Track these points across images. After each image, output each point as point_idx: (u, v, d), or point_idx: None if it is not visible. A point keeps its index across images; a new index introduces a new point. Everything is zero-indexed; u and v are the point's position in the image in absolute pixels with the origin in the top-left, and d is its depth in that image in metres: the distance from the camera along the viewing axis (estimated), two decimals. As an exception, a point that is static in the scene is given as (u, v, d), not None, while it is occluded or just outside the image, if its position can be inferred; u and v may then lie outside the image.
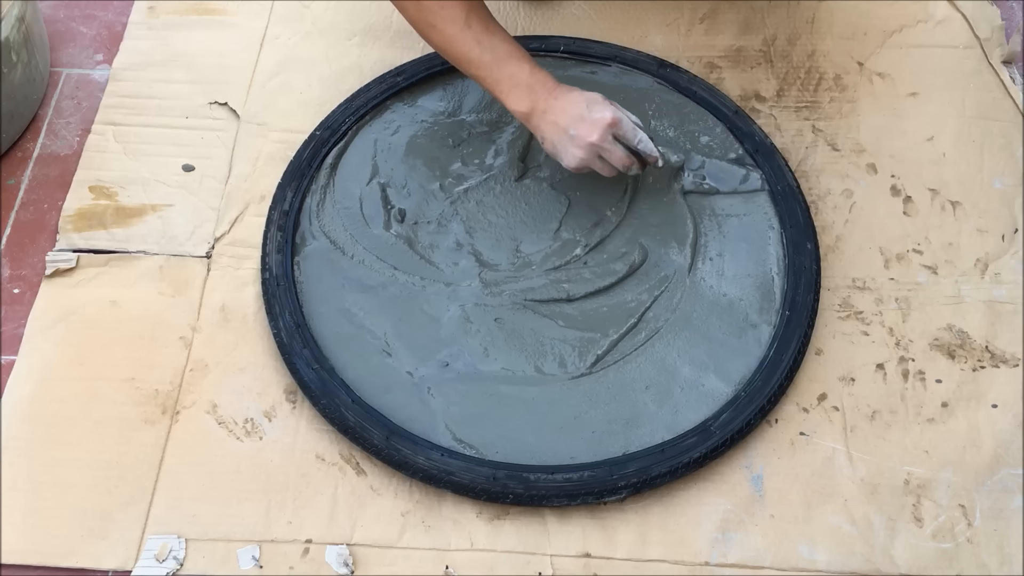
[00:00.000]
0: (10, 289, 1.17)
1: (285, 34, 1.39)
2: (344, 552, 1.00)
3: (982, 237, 1.20)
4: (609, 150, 1.06)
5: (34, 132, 1.31)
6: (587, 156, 1.07)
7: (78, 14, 1.43)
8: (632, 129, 1.07)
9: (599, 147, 1.06)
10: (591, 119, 1.05)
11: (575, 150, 1.07)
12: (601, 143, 1.05)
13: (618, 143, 1.07)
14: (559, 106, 1.06)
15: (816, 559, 1.00)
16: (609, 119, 1.05)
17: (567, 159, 1.08)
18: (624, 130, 1.06)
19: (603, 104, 1.06)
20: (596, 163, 1.08)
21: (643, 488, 1.01)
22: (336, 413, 1.04)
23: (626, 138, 1.07)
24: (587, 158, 1.07)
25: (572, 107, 1.06)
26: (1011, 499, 1.03)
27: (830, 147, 1.28)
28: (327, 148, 1.24)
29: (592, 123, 1.05)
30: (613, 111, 1.06)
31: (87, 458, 1.05)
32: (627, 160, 1.08)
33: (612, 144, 1.06)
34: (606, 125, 1.05)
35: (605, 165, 1.08)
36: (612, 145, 1.06)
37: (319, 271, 1.16)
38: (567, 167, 1.09)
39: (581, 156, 1.07)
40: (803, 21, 1.40)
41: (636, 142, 1.07)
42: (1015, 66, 1.35)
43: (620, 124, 1.06)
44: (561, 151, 1.08)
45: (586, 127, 1.05)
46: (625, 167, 1.09)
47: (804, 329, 1.10)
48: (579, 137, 1.05)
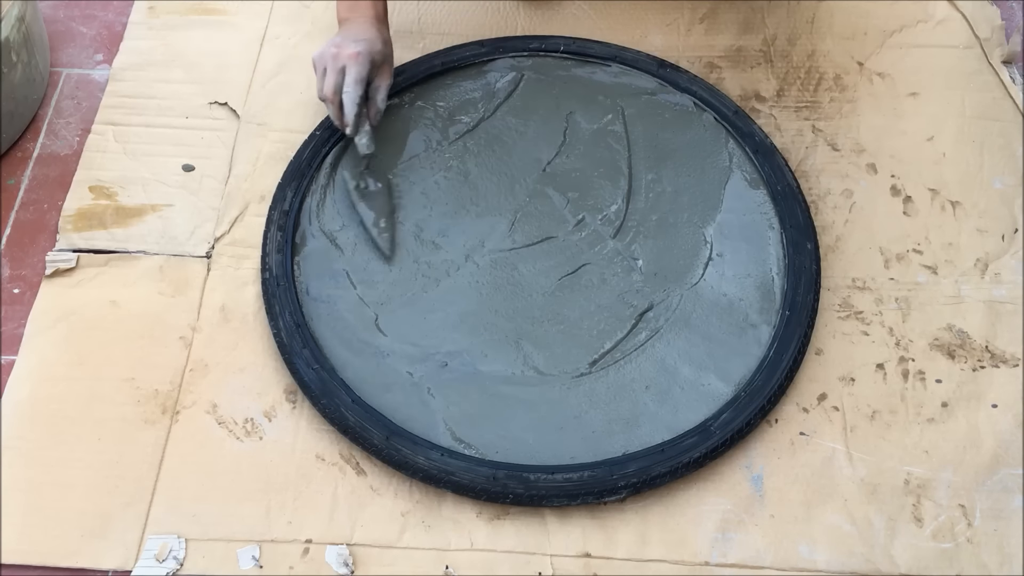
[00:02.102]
0: (10, 289, 1.17)
1: (285, 34, 1.39)
2: (344, 552, 1.00)
3: (982, 237, 1.21)
4: (331, 71, 1.13)
5: (34, 132, 1.31)
6: (320, 56, 1.14)
7: (78, 14, 1.43)
8: (353, 80, 1.12)
9: (329, 60, 1.13)
10: (347, 44, 1.13)
11: (323, 46, 1.15)
12: (331, 59, 1.13)
13: (340, 75, 1.12)
14: (355, 26, 1.16)
15: (816, 559, 1.00)
16: (351, 51, 1.12)
17: (316, 50, 1.15)
18: (350, 71, 1.12)
19: (366, 46, 1.13)
20: (319, 71, 1.15)
21: (643, 488, 1.01)
22: (336, 413, 1.04)
23: (346, 78, 1.12)
24: (319, 58, 1.14)
25: (358, 31, 1.15)
26: (1011, 499, 1.03)
27: (830, 147, 1.28)
28: (327, 148, 1.24)
29: (344, 45, 1.13)
30: (362, 53, 1.12)
31: (87, 458, 1.05)
32: (330, 93, 1.13)
33: (335, 71, 1.12)
34: (347, 54, 1.12)
35: (321, 80, 1.14)
36: (334, 71, 1.12)
37: (319, 271, 1.16)
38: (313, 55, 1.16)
39: (319, 52, 1.15)
40: (803, 21, 1.40)
41: (344, 90, 1.12)
42: (1015, 66, 1.35)
43: (353, 64, 1.12)
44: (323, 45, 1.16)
45: (341, 43, 1.13)
46: (324, 96, 1.14)
47: (804, 329, 1.10)
48: (332, 43, 1.14)
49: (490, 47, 1.33)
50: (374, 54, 1.14)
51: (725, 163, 1.24)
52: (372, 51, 1.14)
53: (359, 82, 1.13)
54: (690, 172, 1.23)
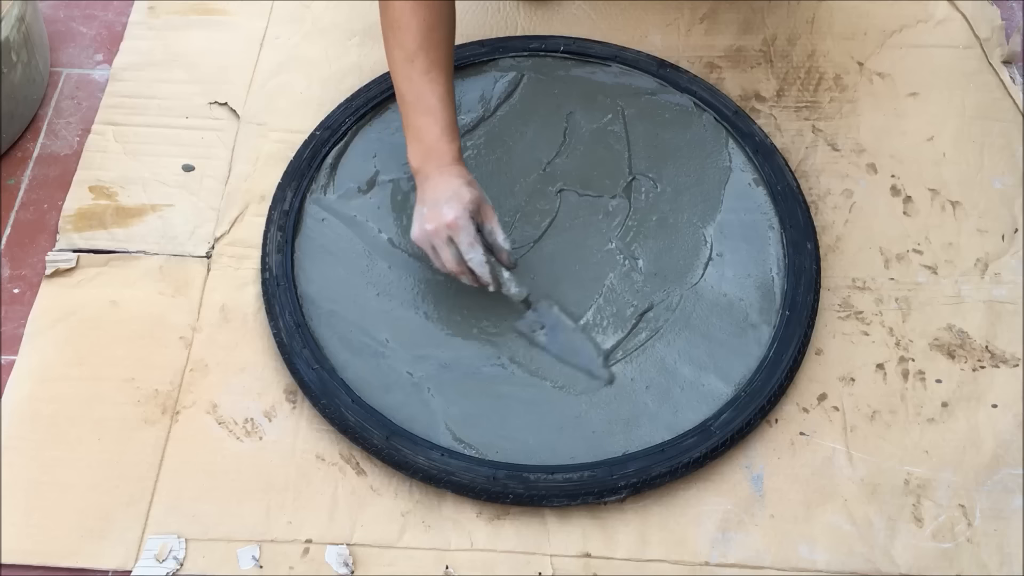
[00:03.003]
0: (10, 289, 1.17)
1: (285, 34, 1.39)
2: (344, 552, 1.00)
3: (982, 237, 1.21)
4: (440, 247, 1.04)
5: (34, 132, 1.31)
6: (421, 238, 1.05)
7: (78, 14, 1.43)
8: (468, 244, 1.03)
9: (432, 238, 1.04)
10: (440, 211, 1.03)
11: (417, 226, 1.06)
12: (434, 235, 1.03)
13: (452, 245, 1.04)
14: (434, 183, 1.05)
15: (816, 559, 1.00)
16: (448, 220, 1.02)
17: (412, 230, 1.07)
18: (460, 239, 1.03)
19: (458, 206, 1.03)
20: (430, 250, 1.06)
21: (643, 488, 1.01)
22: (336, 413, 1.04)
23: (460, 247, 1.04)
24: (421, 240, 1.06)
25: (439, 190, 1.04)
26: (1011, 499, 1.03)
27: (830, 147, 1.28)
28: (327, 148, 1.24)
29: (438, 215, 1.03)
30: (458, 216, 1.02)
31: (87, 458, 1.05)
32: (455, 267, 1.05)
33: (445, 243, 1.04)
34: (444, 224, 1.02)
35: (436, 258, 1.06)
36: (444, 244, 1.04)
37: (319, 271, 1.16)
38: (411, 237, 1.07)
39: (417, 235, 1.06)
40: (803, 21, 1.40)
41: (467, 258, 1.04)
42: (1015, 66, 1.35)
43: (458, 231, 1.03)
44: (413, 220, 1.07)
45: (433, 214, 1.03)
46: (452, 272, 1.05)
47: (804, 329, 1.10)
48: (425, 218, 1.04)
49: (490, 47, 1.33)
50: (468, 207, 1.03)
51: (725, 163, 1.24)
52: (467, 206, 1.03)
53: (474, 245, 1.03)
54: (690, 172, 1.23)
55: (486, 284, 1.06)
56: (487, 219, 1.06)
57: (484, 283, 1.06)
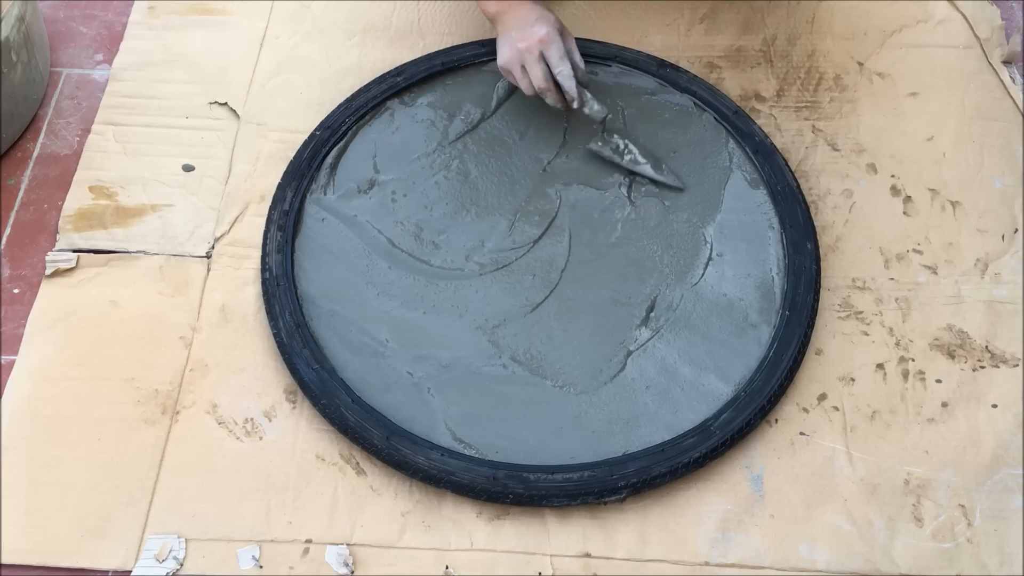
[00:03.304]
0: (10, 289, 1.17)
1: (285, 34, 1.39)
2: (344, 552, 1.00)
3: (982, 237, 1.21)
4: (531, 63, 1.11)
5: (34, 132, 1.31)
6: (512, 58, 1.13)
7: (78, 14, 1.43)
8: (559, 57, 1.11)
9: (523, 55, 1.11)
10: (530, 30, 1.11)
11: (506, 49, 1.13)
12: (526, 52, 1.11)
13: (542, 62, 1.11)
14: (516, 12, 1.13)
15: (816, 559, 1.00)
16: (542, 34, 1.10)
17: (499, 56, 1.15)
18: (551, 52, 1.11)
19: (547, 23, 1.11)
20: (518, 71, 1.13)
21: (643, 488, 1.01)
22: (336, 413, 1.04)
23: (550, 61, 1.11)
24: (511, 60, 1.13)
25: (525, 16, 1.12)
26: (1011, 499, 1.03)
27: (830, 147, 1.28)
28: (327, 148, 1.24)
29: (529, 33, 1.11)
30: (549, 30, 1.11)
31: (87, 458, 1.05)
32: (543, 83, 1.12)
33: (536, 60, 1.11)
34: (537, 40, 1.10)
35: (524, 77, 1.13)
36: (535, 61, 1.11)
37: (319, 270, 1.16)
38: (498, 64, 1.15)
39: (508, 56, 1.13)
40: (803, 21, 1.40)
41: (556, 71, 1.12)
42: (1015, 66, 1.35)
43: (549, 45, 1.11)
44: (499, 48, 1.15)
45: (522, 34, 1.11)
46: (540, 88, 1.13)
47: (804, 329, 1.10)
48: (514, 40, 1.12)
49: (490, 47, 1.32)
50: (556, 24, 1.13)
51: (725, 163, 1.24)
52: (554, 24, 1.13)
53: (564, 59, 1.12)
54: (690, 172, 1.23)
55: (571, 99, 1.14)
56: (568, 40, 1.15)
57: (570, 98, 1.14)
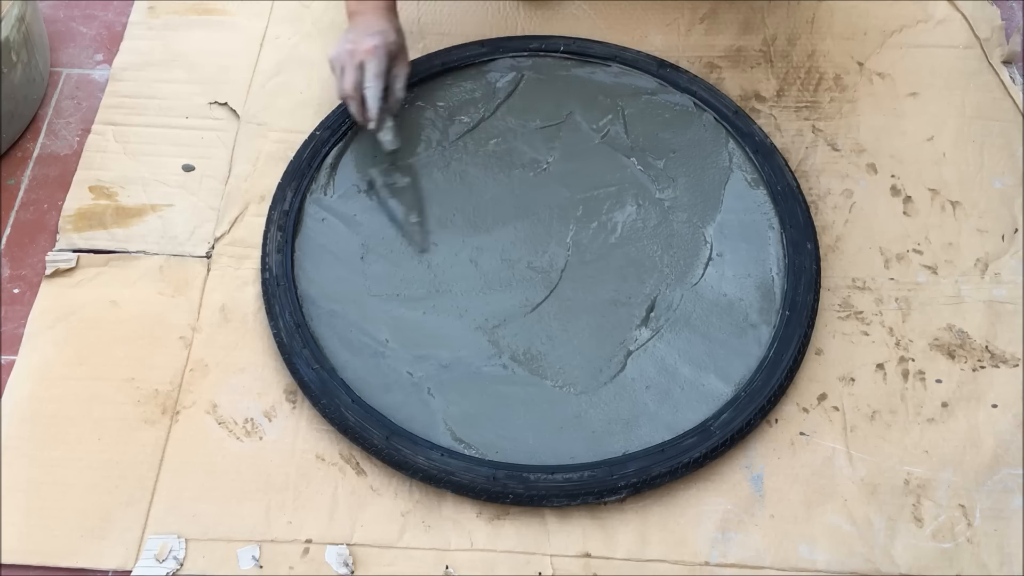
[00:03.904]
0: (10, 289, 1.17)
1: (285, 34, 1.39)
2: (344, 552, 1.00)
3: (982, 237, 1.21)
4: (348, 68, 1.13)
5: (34, 132, 1.31)
6: (337, 56, 1.14)
7: (78, 14, 1.43)
8: (374, 74, 1.12)
9: (345, 58, 1.13)
10: (363, 37, 1.13)
11: (339, 46, 1.14)
12: (348, 56, 1.13)
13: (359, 71, 1.13)
14: (366, 19, 1.15)
15: (816, 559, 1.00)
16: (368, 46, 1.12)
17: (332, 51, 1.15)
18: (369, 66, 1.12)
19: (381, 39, 1.13)
20: (338, 70, 1.15)
21: (643, 488, 1.01)
22: (336, 413, 1.04)
23: (366, 73, 1.13)
24: (336, 58, 1.14)
25: (370, 25, 1.14)
26: (1011, 499, 1.03)
27: (830, 147, 1.28)
28: (327, 148, 1.24)
29: (361, 40, 1.13)
30: (378, 45, 1.12)
31: (87, 458, 1.05)
32: (350, 90, 1.13)
33: (354, 67, 1.13)
34: (363, 48, 1.12)
35: (340, 79, 1.15)
36: (354, 67, 1.13)
37: (320, 270, 1.16)
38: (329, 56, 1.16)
39: (335, 53, 1.14)
40: (803, 21, 1.40)
41: (365, 84, 1.13)
42: (1015, 66, 1.35)
43: (372, 58, 1.12)
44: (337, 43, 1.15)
45: (357, 38, 1.13)
46: (345, 94, 1.15)
47: (804, 329, 1.10)
48: (347, 40, 1.14)
49: (490, 47, 1.33)
50: (390, 45, 1.14)
51: (725, 163, 1.24)
52: (388, 43, 1.14)
53: (379, 76, 1.13)
54: (690, 172, 1.23)
55: (370, 119, 1.15)
56: (398, 65, 1.17)
57: (368, 117, 1.15)
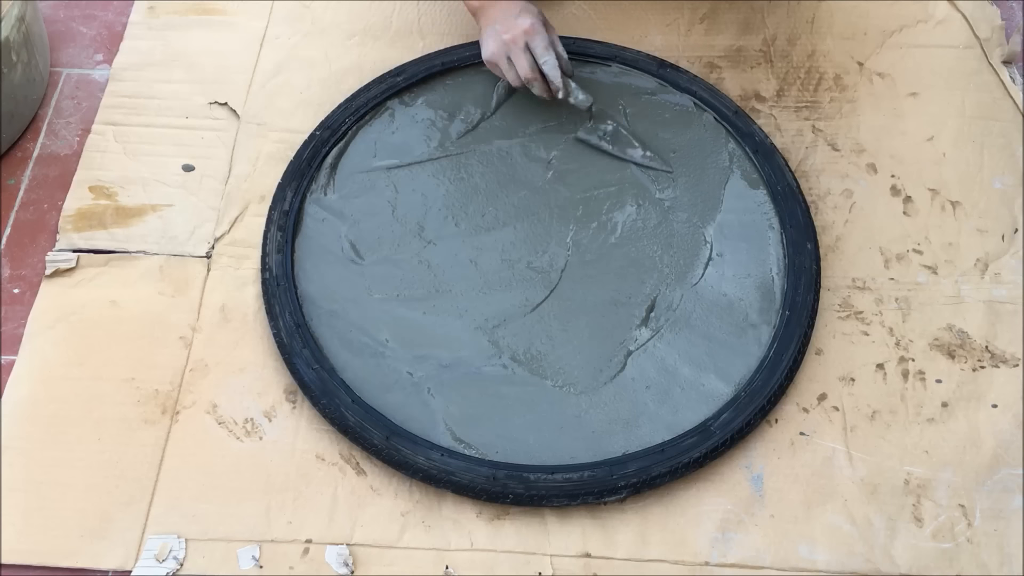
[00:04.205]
0: (10, 289, 1.17)
1: (285, 34, 1.39)
2: (344, 552, 1.00)
3: (982, 237, 1.21)
4: (517, 54, 1.13)
5: (34, 132, 1.31)
6: (497, 50, 1.15)
7: (78, 14, 1.43)
8: (544, 47, 1.13)
9: (509, 46, 1.13)
10: (514, 21, 1.13)
11: (491, 41, 1.15)
12: (512, 43, 1.13)
13: (528, 52, 1.13)
14: (499, 5, 1.15)
15: (816, 559, 1.00)
16: (526, 25, 1.12)
17: (483, 49, 1.16)
18: (536, 43, 1.13)
19: (531, 15, 1.13)
20: (504, 62, 1.15)
21: (643, 488, 1.01)
22: (336, 413, 1.04)
23: (535, 51, 1.13)
24: (497, 52, 1.15)
25: (507, 7, 1.14)
26: (1011, 499, 1.03)
27: (830, 147, 1.28)
28: (327, 148, 1.24)
29: (513, 24, 1.13)
30: (533, 21, 1.13)
31: (87, 458, 1.05)
32: (529, 73, 1.14)
33: (522, 51, 1.13)
34: (522, 31, 1.12)
35: (511, 69, 1.15)
36: (521, 51, 1.13)
37: (320, 270, 1.16)
38: (483, 57, 1.17)
39: (493, 49, 1.15)
40: (803, 21, 1.40)
41: (541, 61, 1.14)
42: (1015, 66, 1.35)
43: (534, 35, 1.13)
44: (483, 42, 1.16)
45: (507, 26, 1.13)
46: (526, 79, 1.15)
47: (804, 329, 1.10)
48: (498, 32, 1.14)
49: (490, 47, 1.33)
50: (540, 16, 1.15)
51: (725, 163, 1.24)
52: (538, 15, 1.15)
53: (549, 49, 1.14)
54: (690, 172, 1.23)
55: (557, 89, 1.16)
56: (552, 31, 1.17)
57: (555, 88, 1.16)
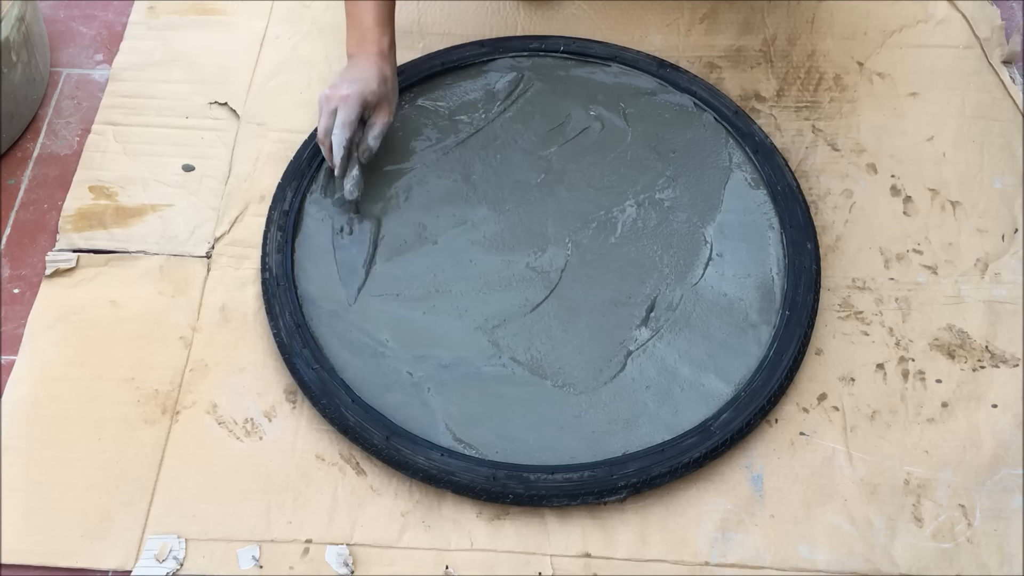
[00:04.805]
0: (10, 289, 1.17)
1: (285, 34, 1.39)
2: (344, 552, 1.00)
3: (982, 237, 1.21)
4: (324, 114, 1.12)
5: (34, 132, 1.31)
6: (319, 99, 1.13)
7: (78, 14, 1.43)
8: (343, 121, 1.10)
9: (323, 103, 1.12)
10: (342, 84, 1.11)
11: (325, 88, 1.13)
12: (325, 102, 1.12)
13: (332, 116, 1.11)
14: (355, 64, 1.14)
15: (816, 559, 1.00)
16: (344, 92, 1.10)
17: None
18: (340, 113, 1.11)
19: (359, 87, 1.11)
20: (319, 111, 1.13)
21: (643, 488, 1.01)
22: (336, 413, 1.04)
23: (336, 119, 1.11)
24: (319, 101, 1.13)
25: (356, 70, 1.13)
26: (1011, 499, 1.03)
27: (830, 147, 1.28)
28: (327, 148, 1.24)
29: (339, 87, 1.11)
30: (353, 95, 1.10)
31: (87, 458, 1.05)
32: (322, 135, 1.12)
33: (328, 113, 1.12)
34: (338, 95, 1.11)
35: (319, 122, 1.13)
36: (328, 113, 1.12)
37: (320, 271, 1.16)
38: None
39: (319, 96, 1.13)
40: (803, 21, 1.40)
41: (333, 132, 1.11)
42: (1015, 66, 1.35)
43: (345, 105, 1.10)
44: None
45: (337, 83, 1.12)
46: (318, 139, 1.14)
47: (804, 329, 1.10)
48: (330, 84, 1.13)
49: (490, 47, 1.33)
50: (367, 95, 1.11)
51: (725, 163, 1.24)
52: (365, 92, 1.11)
53: (346, 125, 1.11)
54: (690, 172, 1.23)
55: (332, 165, 1.14)
56: (378, 115, 1.15)
57: (331, 163, 1.14)
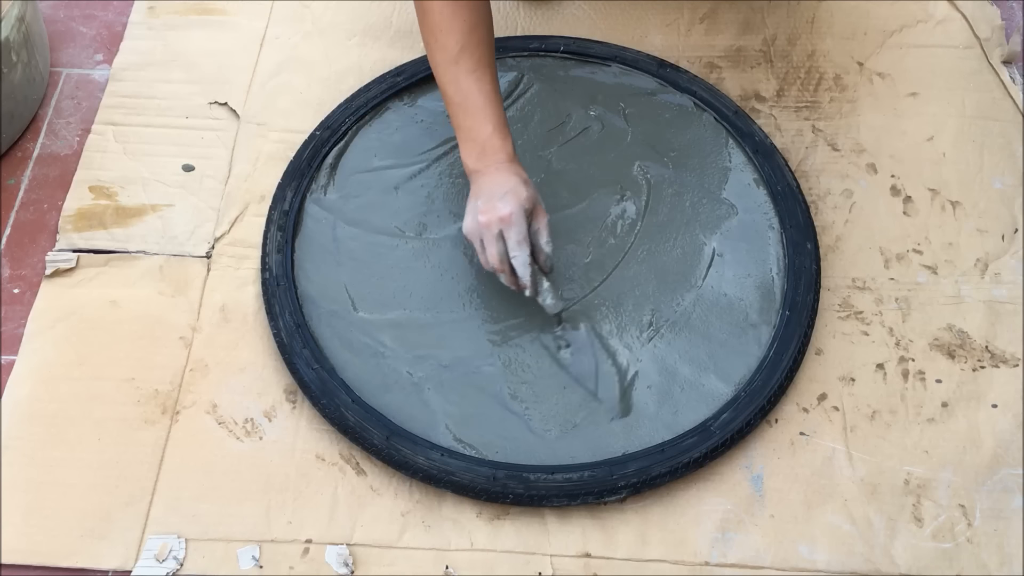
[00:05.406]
0: (10, 289, 1.17)
1: (285, 34, 1.39)
2: (344, 552, 1.00)
3: (982, 237, 1.21)
4: (489, 240, 1.03)
5: (34, 132, 1.31)
6: (472, 230, 1.05)
7: (78, 14, 1.43)
8: (517, 241, 1.02)
9: (483, 231, 1.03)
10: (495, 204, 1.02)
11: (469, 218, 1.05)
12: (485, 228, 1.02)
13: (500, 241, 1.02)
14: (490, 178, 1.04)
15: (816, 559, 1.00)
16: (503, 214, 1.01)
17: (464, 223, 1.06)
18: (510, 234, 1.02)
19: (514, 201, 1.02)
20: (477, 244, 1.05)
21: (643, 488, 1.01)
22: (336, 413, 1.04)
23: (508, 242, 1.02)
24: (471, 232, 1.05)
25: (496, 185, 1.03)
26: (1011, 499, 1.03)
27: (830, 147, 1.28)
28: (327, 148, 1.24)
29: (493, 208, 1.02)
30: (514, 211, 1.01)
31: (87, 458, 1.05)
32: (497, 263, 1.03)
33: (494, 238, 1.02)
34: (498, 217, 1.01)
35: (482, 253, 1.05)
36: (493, 239, 1.02)
37: (320, 270, 1.16)
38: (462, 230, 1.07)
39: (469, 226, 1.05)
40: (803, 21, 1.40)
41: (511, 255, 1.03)
42: (1015, 66, 1.35)
43: (511, 226, 1.01)
44: (467, 213, 1.06)
45: (487, 207, 1.02)
46: (492, 268, 1.04)
47: (804, 329, 1.10)
48: (478, 212, 1.03)
49: (490, 47, 1.33)
50: (524, 203, 1.02)
51: (725, 163, 1.24)
52: (521, 202, 1.02)
53: (521, 243, 1.02)
54: (690, 172, 1.23)
55: (524, 287, 1.04)
56: (537, 219, 1.05)
57: (522, 286, 1.04)
